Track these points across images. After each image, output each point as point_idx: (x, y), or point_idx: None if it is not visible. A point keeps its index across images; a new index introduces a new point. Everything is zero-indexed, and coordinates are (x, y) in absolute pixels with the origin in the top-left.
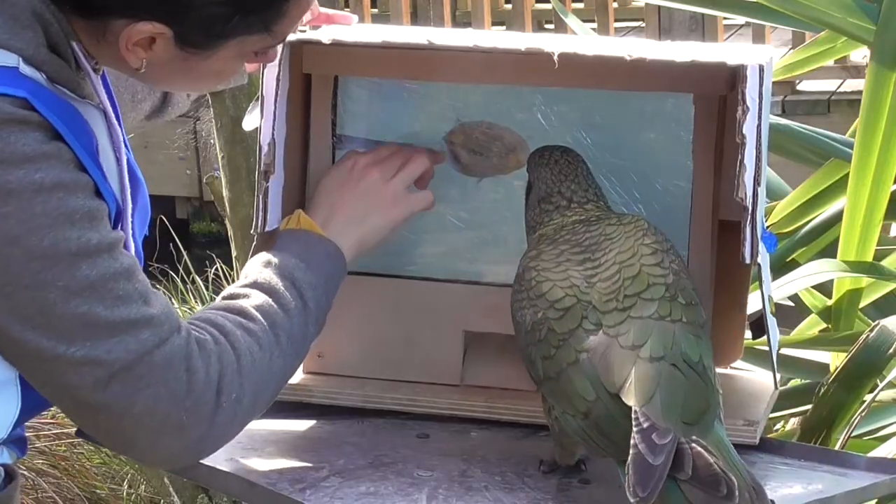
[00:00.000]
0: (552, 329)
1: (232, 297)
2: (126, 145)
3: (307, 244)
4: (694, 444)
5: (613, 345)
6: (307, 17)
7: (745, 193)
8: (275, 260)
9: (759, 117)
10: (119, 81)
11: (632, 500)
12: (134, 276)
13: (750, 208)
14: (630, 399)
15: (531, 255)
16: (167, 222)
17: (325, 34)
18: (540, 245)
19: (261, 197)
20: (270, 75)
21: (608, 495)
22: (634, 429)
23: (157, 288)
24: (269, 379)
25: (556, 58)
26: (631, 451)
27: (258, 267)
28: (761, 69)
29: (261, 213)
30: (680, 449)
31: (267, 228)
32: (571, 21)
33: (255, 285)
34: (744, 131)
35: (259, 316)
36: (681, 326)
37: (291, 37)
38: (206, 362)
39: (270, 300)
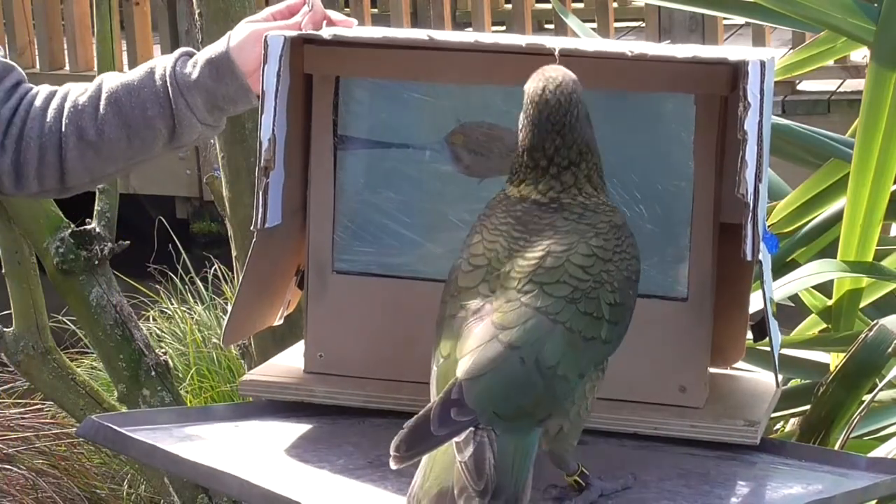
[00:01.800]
0: (456, 279)
1: None
2: None
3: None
4: (486, 437)
5: (487, 318)
6: (306, 9)
7: (747, 189)
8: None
9: (761, 114)
10: (132, 97)
11: (391, 452)
12: None
13: (751, 204)
14: (460, 370)
15: (493, 203)
16: (166, 223)
17: (326, 32)
18: (497, 206)
19: (260, 193)
20: (271, 70)
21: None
22: (442, 394)
23: (157, 288)
24: None
25: (556, 56)
26: (422, 411)
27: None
28: (763, 65)
29: (260, 210)
30: (473, 433)
31: (267, 225)
32: (572, 21)
33: None
34: (745, 127)
35: None
36: (560, 330)
37: (292, 33)
38: None
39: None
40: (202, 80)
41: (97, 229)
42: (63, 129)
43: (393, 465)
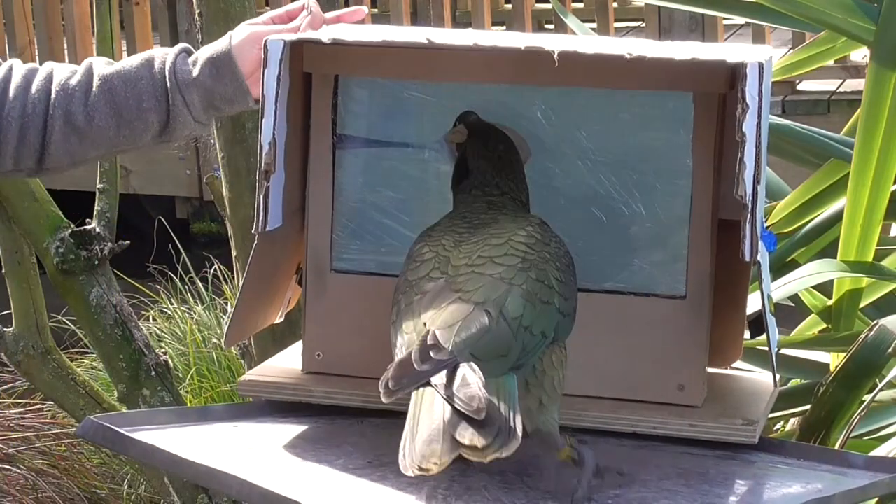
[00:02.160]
0: (406, 278)
1: None
2: None
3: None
4: (468, 368)
5: (445, 289)
6: (305, 14)
7: (745, 191)
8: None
9: (759, 115)
10: (127, 87)
11: (381, 390)
12: None
13: (750, 206)
14: (432, 324)
15: (430, 226)
16: (166, 223)
17: (326, 34)
18: (440, 224)
19: (261, 197)
20: (271, 74)
21: (608, 493)
22: (418, 341)
23: (156, 288)
24: None
25: (556, 56)
26: (403, 355)
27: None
28: (761, 67)
29: (261, 213)
30: (454, 368)
31: (268, 228)
32: (571, 21)
33: None
34: (744, 129)
35: None
36: (518, 290)
37: (291, 36)
38: None
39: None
40: (202, 78)
41: (97, 229)
42: (49, 111)
43: (385, 399)
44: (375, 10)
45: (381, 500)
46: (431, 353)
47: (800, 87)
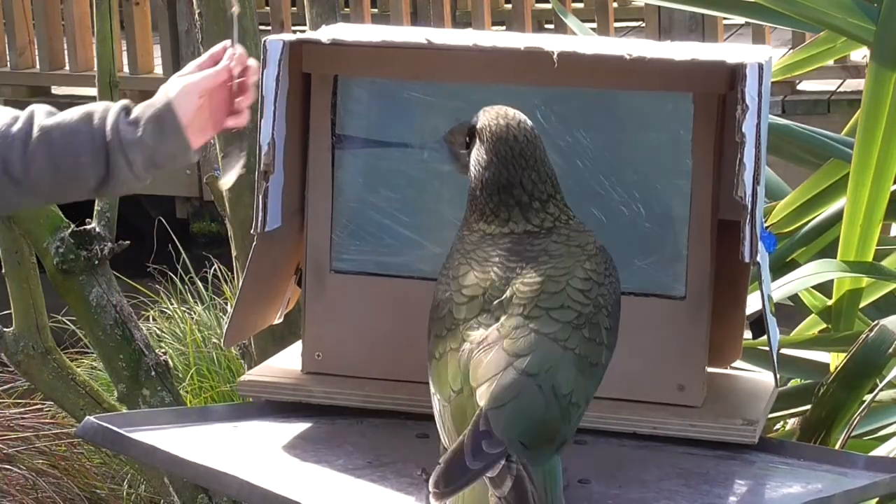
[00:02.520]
0: (451, 312)
1: None
2: None
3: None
4: (521, 469)
5: (497, 346)
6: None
7: (745, 192)
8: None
9: (759, 116)
10: (66, 140)
11: (430, 489)
12: None
13: (749, 207)
14: (482, 399)
15: (472, 240)
16: (166, 223)
17: (325, 34)
18: (483, 241)
19: (260, 197)
20: (270, 74)
21: (608, 493)
22: (471, 426)
23: (156, 288)
24: None
25: (555, 57)
26: (454, 448)
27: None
28: (760, 68)
29: (260, 213)
30: (506, 466)
31: (267, 228)
32: (571, 21)
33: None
34: (743, 130)
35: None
36: (571, 356)
37: (290, 37)
38: None
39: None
40: (145, 137)
41: (97, 229)
42: None
43: (433, 502)
44: (375, 10)
45: (381, 500)
46: (484, 446)
47: (800, 87)
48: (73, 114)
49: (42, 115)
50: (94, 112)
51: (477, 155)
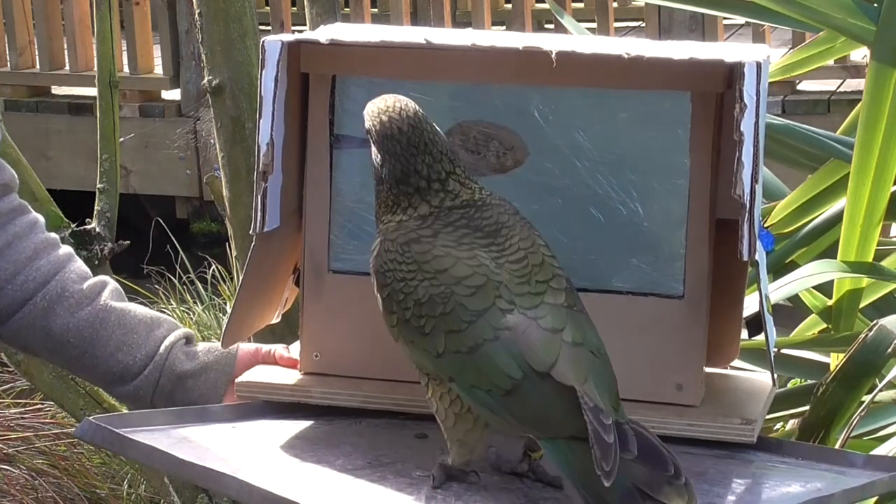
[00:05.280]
0: (462, 304)
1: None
2: None
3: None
4: (633, 425)
5: (535, 326)
6: None
7: (743, 190)
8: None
9: (757, 115)
10: (117, 330)
11: (601, 474)
12: None
13: (748, 205)
14: (568, 379)
15: (424, 233)
16: (163, 223)
17: (323, 34)
18: (434, 224)
19: (259, 197)
20: (269, 75)
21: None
22: (584, 407)
23: (155, 288)
24: None
25: (554, 57)
26: (589, 429)
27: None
28: (758, 67)
29: (259, 214)
30: (622, 429)
31: (265, 229)
32: (567, 22)
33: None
34: (741, 129)
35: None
36: (585, 318)
37: (289, 37)
38: None
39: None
40: (187, 379)
41: (97, 229)
42: (35, 297)
43: (607, 483)
44: (375, 10)
45: (381, 500)
46: (603, 419)
47: (800, 87)
48: (141, 311)
49: (109, 292)
50: (162, 322)
51: (373, 155)
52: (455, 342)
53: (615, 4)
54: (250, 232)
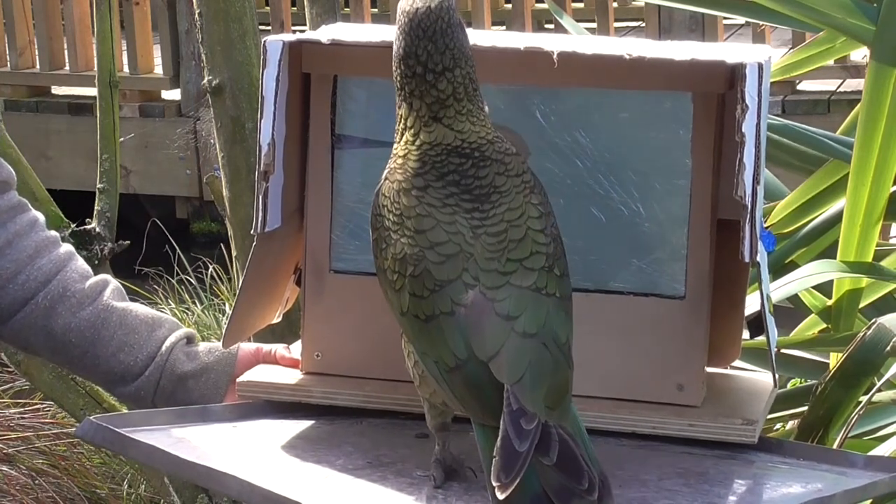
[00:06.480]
0: (429, 271)
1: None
2: None
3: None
4: (560, 430)
5: (489, 310)
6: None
7: (745, 191)
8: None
9: (758, 116)
10: (119, 330)
11: (494, 484)
12: None
13: (749, 206)
14: (501, 375)
15: (416, 184)
16: (161, 224)
17: (324, 34)
18: (428, 175)
19: (260, 197)
20: (270, 75)
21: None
22: (505, 409)
23: (154, 288)
24: None
25: (555, 57)
26: (500, 435)
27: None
28: (760, 68)
29: (260, 214)
30: (546, 433)
31: (266, 229)
32: (566, 22)
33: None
34: (743, 130)
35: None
36: (554, 302)
37: (290, 37)
38: None
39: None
40: (188, 380)
41: (97, 229)
42: (37, 297)
43: (500, 496)
44: (375, 10)
45: (381, 500)
46: (523, 424)
47: (800, 87)
48: (141, 310)
49: (111, 291)
50: (163, 322)
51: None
52: (415, 306)
53: (615, 4)
54: (251, 232)
